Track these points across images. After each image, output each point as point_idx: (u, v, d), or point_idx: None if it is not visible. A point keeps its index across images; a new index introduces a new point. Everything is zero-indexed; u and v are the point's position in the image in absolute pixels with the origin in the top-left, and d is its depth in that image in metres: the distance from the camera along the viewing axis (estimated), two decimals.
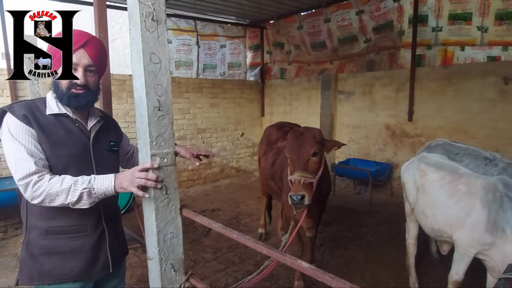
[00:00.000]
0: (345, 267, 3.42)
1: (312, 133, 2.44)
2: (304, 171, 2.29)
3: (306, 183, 2.25)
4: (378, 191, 5.82)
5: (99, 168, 1.47)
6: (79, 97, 1.40)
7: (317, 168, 2.36)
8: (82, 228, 1.42)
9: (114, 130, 1.66)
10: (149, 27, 1.29)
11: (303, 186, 2.23)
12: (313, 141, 2.36)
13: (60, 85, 1.39)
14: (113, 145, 1.58)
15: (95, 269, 1.46)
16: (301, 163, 2.32)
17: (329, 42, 6.53)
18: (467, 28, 4.94)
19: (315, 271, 0.91)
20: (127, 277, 3.32)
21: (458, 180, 2.47)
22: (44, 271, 1.38)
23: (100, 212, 1.47)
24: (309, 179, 2.27)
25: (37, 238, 1.38)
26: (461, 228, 2.35)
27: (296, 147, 2.38)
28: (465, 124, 4.87)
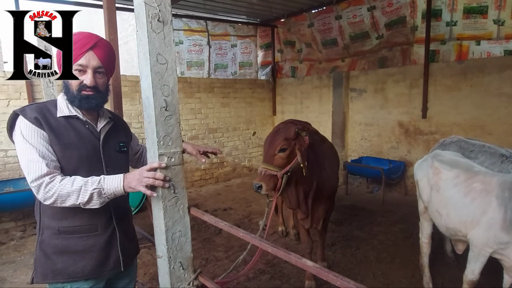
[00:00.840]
0: (357, 266, 3.38)
1: (286, 131, 2.57)
2: (269, 164, 2.48)
3: (267, 175, 2.44)
4: (391, 190, 5.74)
5: (109, 168, 1.49)
6: (90, 98, 1.42)
7: (284, 163, 2.49)
8: (93, 228, 1.45)
9: (123, 131, 1.68)
10: (155, 28, 1.30)
11: (263, 177, 2.45)
12: (282, 138, 2.52)
13: (71, 87, 1.41)
14: (123, 146, 1.59)
15: (107, 268, 1.49)
16: (267, 156, 2.55)
17: (341, 39, 6.46)
18: (482, 21, 4.81)
19: (319, 269, 0.91)
20: (140, 275, 3.39)
21: (473, 178, 2.41)
22: (57, 269, 1.41)
23: (110, 212, 1.49)
24: (271, 172, 2.44)
25: (50, 237, 1.42)
26: (476, 227, 2.29)
27: (268, 142, 2.61)
28: (482, 120, 4.75)
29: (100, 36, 1.48)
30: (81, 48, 1.37)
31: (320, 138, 3.09)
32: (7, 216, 4.64)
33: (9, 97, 4.78)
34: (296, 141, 2.54)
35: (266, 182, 2.44)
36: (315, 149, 2.81)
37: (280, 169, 2.47)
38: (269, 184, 2.45)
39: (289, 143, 2.52)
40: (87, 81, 1.39)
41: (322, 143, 3.02)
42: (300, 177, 2.63)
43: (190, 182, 6.74)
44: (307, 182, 2.72)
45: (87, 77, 1.39)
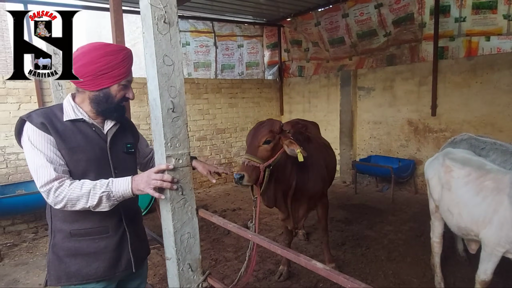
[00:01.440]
0: (367, 266, 3.35)
1: (271, 124, 2.57)
2: (252, 155, 2.43)
3: (249, 166, 2.39)
4: (401, 188, 5.68)
5: (117, 170, 1.50)
6: (123, 108, 1.53)
7: (268, 155, 2.47)
8: (104, 230, 1.46)
9: (131, 132, 1.68)
10: (162, 29, 1.31)
11: (245, 167, 2.39)
12: (267, 130, 2.50)
13: (113, 99, 1.47)
14: (130, 147, 1.60)
15: (119, 269, 1.50)
16: (250, 147, 2.50)
17: (348, 37, 6.41)
18: (492, 17, 4.72)
19: (329, 272, 0.90)
20: (150, 276, 3.41)
21: (485, 176, 2.37)
22: (70, 272, 1.42)
23: (120, 213, 1.50)
24: (254, 163, 2.39)
25: (62, 240, 1.43)
26: (488, 226, 2.25)
27: (251, 134, 2.57)
28: (493, 117, 4.67)
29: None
30: (131, 65, 1.48)
31: (305, 139, 3.02)
32: (19, 218, 4.72)
33: (20, 100, 4.86)
34: (281, 135, 2.54)
35: (249, 173, 2.38)
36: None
37: (263, 161, 2.44)
38: (251, 175, 2.38)
39: (273, 136, 2.50)
40: (130, 95, 1.51)
41: (305, 144, 2.90)
42: (280, 174, 2.64)
43: (199, 183, 6.77)
44: (286, 181, 2.71)
45: (130, 92, 1.50)
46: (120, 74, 1.43)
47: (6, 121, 4.76)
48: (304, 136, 3.13)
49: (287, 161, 2.63)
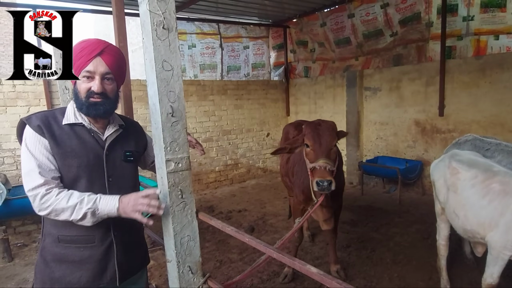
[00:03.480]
0: (372, 269, 3.33)
1: (332, 125, 2.56)
2: (328, 159, 2.37)
3: (331, 170, 2.34)
4: (408, 190, 5.62)
5: (112, 178, 1.46)
6: (98, 105, 1.39)
7: (336, 158, 2.48)
8: (90, 239, 1.41)
9: (134, 139, 1.61)
10: (160, 35, 1.33)
11: (328, 172, 2.31)
12: (334, 132, 2.49)
13: (79, 94, 1.39)
14: (129, 155, 1.52)
15: (103, 281, 1.44)
16: (324, 151, 2.41)
17: (354, 38, 6.38)
18: (501, 15, 4.65)
19: (323, 276, 0.90)
20: (155, 277, 3.43)
21: (491, 178, 2.33)
22: (54, 277, 1.41)
23: (108, 224, 1.43)
24: (331, 167, 2.36)
25: (51, 244, 1.42)
26: (494, 229, 2.22)
27: (318, 136, 2.47)
28: (502, 118, 4.59)
29: (108, 42, 1.46)
30: (89, 54, 1.35)
31: None
32: (30, 219, 4.80)
33: (29, 103, 4.95)
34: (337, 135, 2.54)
35: (333, 178, 2.33)
36: None
37: (334, 164, 2.42)
38: (334, 180, 2.32)
39: (335, 139, 2.51)
40: (94, 88, 1.37)
41: None
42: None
43: (205, 184, 6.80)
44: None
45: (94, 84, 1.37)
46: (78, 66, 1.35)
47: (16, 124, 4.84)
48: None
49: None
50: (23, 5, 5.19)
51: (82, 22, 14.31)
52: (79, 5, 5.49)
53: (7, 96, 4.78)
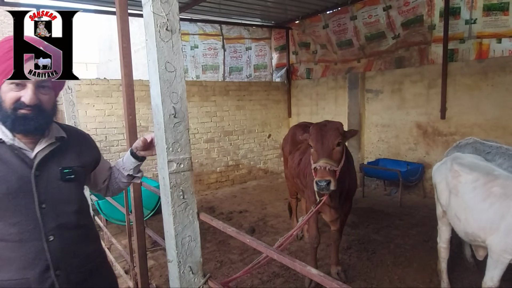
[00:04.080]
0: (372, 270, 3.33)
1: (335, 125, 2.57)
2: (328, 159, 2.39)
3: (331, 170, 2.35)
4: (409, 192, 5.62)
5: (46, 204, 1.18)
6: (28, 119, 1.13)
7: (340, 157, 2.47)
8: (24, 283, 1.12)
9: (78, 153, 1.34)
10: (164, 37, 1.33)
11: (328, 172, 2.34)
12: (337, 131, 2.49)
13: (3, 104, 1.13)
14: (69, 173, 1.25)
15: None
16: (325, 151, 2.44)
17: (356, 40, 6.38)
18: (504, 18, 4.65)
19: (323, 278, 0.90)
20: (156, 277, 3.44)
21: (493, 182, 2.34)
22: None
23: (46, 260, 1.15)
24: (333, 167, 2.37)
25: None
26: (495, 233, 2.22)
27: (320, 137, 2.50)
28: (504, 121, 4.59)
29: (45, 42, 1.22)
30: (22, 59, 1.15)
31: None
32: None
33: None
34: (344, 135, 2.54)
35: (333, 177, 2.34)
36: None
37: (338, 164, 2.42)
38: (335, 180, 2.34)
39: (342, 137, 2.50)
40: (26, 99, 1.12)
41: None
42: (342, 175, 2.59)
43: (206, 185, 6.81)
44: (343, 180, 2.68)
45: (26, 93, 1.13)
46: (4, 69, 1.12)
47: None
48: None
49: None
50: (26, 4, 5.22)
51: (84, 23, 14.36)
52: (83, 5, 5.51)
53: None
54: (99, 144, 5.55)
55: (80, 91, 5.19)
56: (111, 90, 5.59)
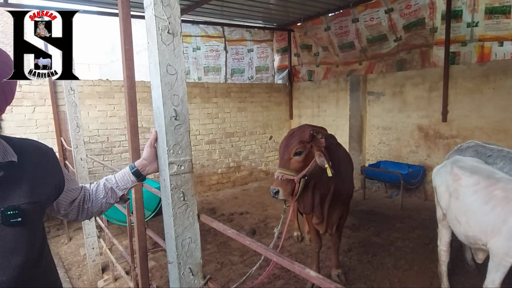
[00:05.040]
0: (373, 273, 3.32)
1: (300, 133, 2.57)
2: (285, 168, 2.49)
3: (284, 180, 2.45)
4: (411, 195, 5.61)
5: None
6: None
7: (299, 166, 2.50)
8: None
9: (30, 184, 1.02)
10: (165, 40, 1.34)
11: (280, 182, 2.45)
12: (296, 141, 2.52)
13: None
14: (13, 215, 0.95)
15: None
16: (282, 161, 2.54)
17: (358, 42, 6.39)
18: (505, 22, 4.65)
19: (322, 280, 0.91)
20: (157, 278, 3.45)
21: (494, 185, 2.33)
22: None
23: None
24: (288, 176, 2.45)
25: None
26: (496, 236, 2.22)
27: (283, 146, 2.60)
28: (506, 124, 4.58)
29: None
30: None
31: (336, 143, 3.08)
32: None
33: (35, 103, 4.99)
34: (312, 143, 2.52)
35: (284, 187, 2.43)
36: (331, 153, 2.77)
37: (297, 173, 2.46)
38: (286, 189, 2.44)
39: (304, 146, 2.51)
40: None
41: (338, 148, 3.00)
42: (318, 180, 2.61)
43: (208, 186, 6.82)
44: (324, 185, 2.68)
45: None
46: None
47: (21, 123, 4.90)
48: (336, 141, 3.16)
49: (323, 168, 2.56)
50: (30, 6, 5.26)
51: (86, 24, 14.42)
52: (86, 7, 5.54)
53: None
54: (101, 145, 5.57)
55: (82, 92, 5.21)
56: (113, 91, 5.61)
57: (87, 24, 14.72)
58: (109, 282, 3.48)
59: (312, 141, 2.53)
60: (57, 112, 5.09)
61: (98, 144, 5.54)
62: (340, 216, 3.03)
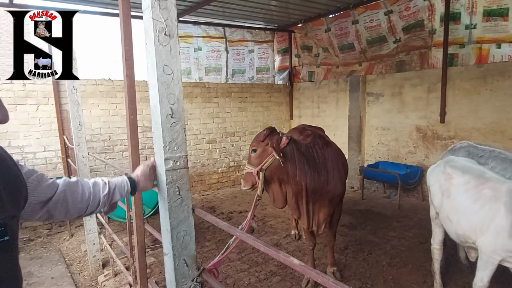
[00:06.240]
0: (368, 271, 3.38)
1: (259, 134, 2.90)
2: (248, 164, 2.84)
3: (247, 173, 2.82)
4: (408, 195, 5.66)
5: None
6: None
7: (258, 162, 2.76)
8: None
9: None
10: (162, 41, 1.41)
11: (244, 175, 2.86)
12: (254, 141, 2.87)
13: None
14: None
15: None
16: (248, 158, 2.91)
17: (357, 43, 6.45)
18: (503, 24, 4.69)
19: (304, 267, 0.97)
20: (156, 273, 3.52)
21: (483, 184, 2.39)
22: None
23: None
24: (249, 170, 2.79)
25: None
26: (485, 234, 2.27)
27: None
28: (503, 125, 4.62)
29: None
30: None
31: (324, 143, 3.12)
32: None
33: (38, 102, 5.08)
34: (268, 141, 2.75)
35: (246, 179, 2.82)
36: (309, 152, 2.93)
37: (255, 168, 2.75)
38: (247, 181, 2.81)
39: (258, 144, 2.80)
40: None
41: (324, 148, 3.04)
42: (282, 176, 2.81)
43: (208, 185, 6.89)
44: (294, 182, 2.83)
45: None
46: None
47: (25, 121, 5.00)
48: (323, 140, 3.22)
49: (286, 164, 2.74)
50: (34, 7, 5.35)
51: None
52: (90, 7, 5.63)
53: (17, 94, 4.93)
54: (103, 143, 5.66)
55: (85, 91, 5.30)
56: (115, 90, 5.70)
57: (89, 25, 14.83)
58: (109, 277, 3.56)
59: (269, 140, 2.76)
60: (60, 111, 5.18)
61: (100, 143, 5.63)
62: (330, 215, 3.07)
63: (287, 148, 2.76)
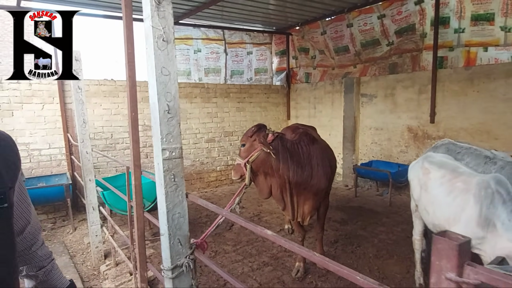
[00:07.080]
0: (355, 262, 3.58)
1: (248, 130, 3.15)
2: (238, 156, 3.10)
3: (236, 164, 3.11)
4: (400, 193, 5.85)
5: None
6: None
7: (246, 155, 3.02)
8: None
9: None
10: (160, 46, 1.62)
11: (234, 166, 3.16)
12: (244, 136, 3.13)
13: None
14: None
15: None
16: (239, 151, 3.17)
17: (352, 46, 6.66)
18: (490, 28, 4.89)
19: (276, 237, 1.17)
20: (155, 264, 3.72)
21: (456, 178, 2.58)
22: None
23: None
24: (238, 161, 3.07)
25: None
26: (457, 224, 2.46)
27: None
28: (489, 125, 4.82)
29: None
30: None
31: (309, 140, 3.31)
32: (40, 209, 5.13)
33: (44, 101, 5.30)
34: (256, 137, 3.02)
35: (235, 170, 3.11)
36: (294, 148, 3.15)
37: (242, 160, 3.02)
38: (237, 171, 3.08)
39: (247, 139, 3.07)
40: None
41: (310, 144, 3.24)
42: (267, 169, 3.05)
43: (206, 183, 7.09)
44: (278, 175, 3.05)
45: None
46: None
47: (31, 119, 5.21)
48: (310, 137, 3.42)
49: (270, 158, 2.98)
50: (38, 9, 5.56)
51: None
52: (93, 10, 5.85)
53: (23, 93, 5.14)
54: (106, 141, 5.87)
55: (88, 91, 5.51)
56: (117, 90, 5.91)
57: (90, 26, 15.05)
58: (111, 266, 3.76)
59: (257, 136, 3.02)
60: (64, 110, 5.39)
61: (102, 141, 5.84)
62: (315, 208, 3.27)
63: (272, 144, 2.99)
